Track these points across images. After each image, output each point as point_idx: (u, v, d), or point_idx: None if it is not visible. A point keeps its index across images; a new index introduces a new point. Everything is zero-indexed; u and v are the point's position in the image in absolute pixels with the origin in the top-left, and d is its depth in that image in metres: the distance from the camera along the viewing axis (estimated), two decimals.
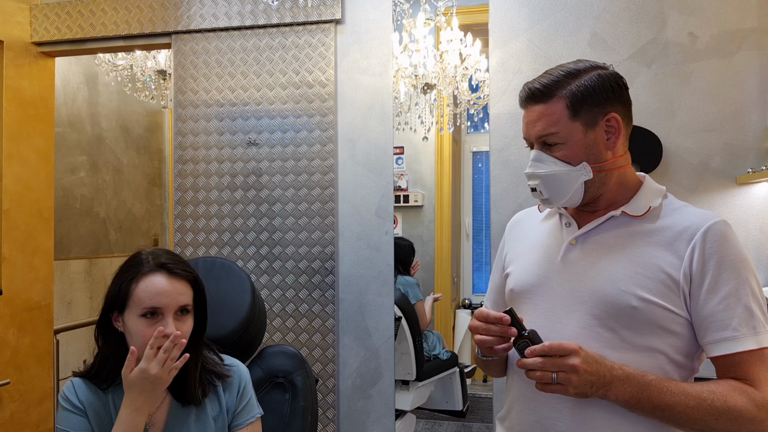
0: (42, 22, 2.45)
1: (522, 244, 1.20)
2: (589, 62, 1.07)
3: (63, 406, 1.21)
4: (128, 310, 1.19)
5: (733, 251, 0.98)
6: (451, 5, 3.10)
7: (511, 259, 1.21)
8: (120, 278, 1.22)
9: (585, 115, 1.02)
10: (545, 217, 1.19)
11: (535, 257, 1.13)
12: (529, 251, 1.15)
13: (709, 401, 0.92)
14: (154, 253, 1.25)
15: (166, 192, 4.49)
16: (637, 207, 1.05)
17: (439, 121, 4.25)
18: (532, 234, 1.19)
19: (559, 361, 0.93)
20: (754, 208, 1.92)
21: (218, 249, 2.29)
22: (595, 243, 1.06)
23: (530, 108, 1.06)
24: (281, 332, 2.22)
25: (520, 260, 1.17)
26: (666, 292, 0.98)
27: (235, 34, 2.30)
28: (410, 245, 3.93)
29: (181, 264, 1.25)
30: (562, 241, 1.10)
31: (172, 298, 1.19)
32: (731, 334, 0.95)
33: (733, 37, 1.94)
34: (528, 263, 1.14)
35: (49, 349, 2.54)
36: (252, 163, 2.27)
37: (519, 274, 1.14)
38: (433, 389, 3.88)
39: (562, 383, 0.94)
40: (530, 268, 1.13)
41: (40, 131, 2.52)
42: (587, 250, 1.06)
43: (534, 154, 1.06)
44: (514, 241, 1.23)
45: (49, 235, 2.54)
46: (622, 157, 1.07)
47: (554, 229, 1.14)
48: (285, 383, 1.49)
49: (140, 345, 1.17)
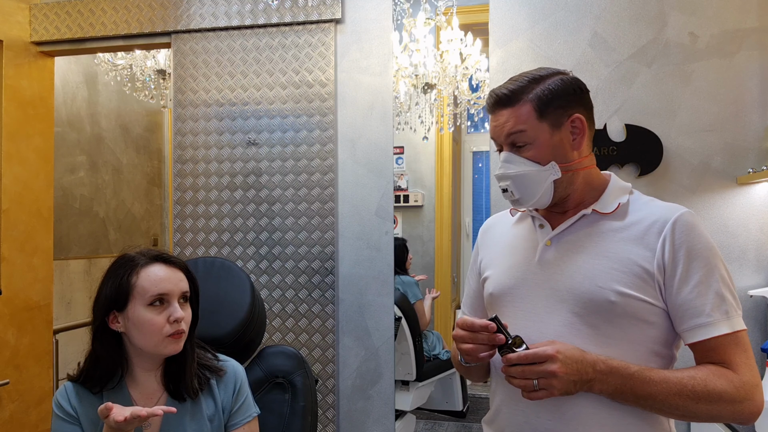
0: (41, 21, 2.45)
1: (497, 248, 1.22)
2: (551, 69, 1.11)
3: (56, 413, 1.23)
4: (132, 303, 1.19)
5: (701, 240, 1.01)
6: (451, 5, 3.09)
7: (486, 264, 1.23)
8: (114, 277, 1.22)
9: (551, 116, 1.06)
10: (517, 220, 1.22)
11: (511, 260, 1.16)
12: (505, 255, 1.18)
13: (690, 387, 0.95)
14: (143, 250, 1.26)
15: (165, 192, 4.49)
16: (606, 204, 1.09)
17: (439, 121, 4.25)
18: (506, 238, 1.22)
19: (538, 368, 0.96)
20: (755, 208, 1.92)
21: (218, 249, 2.29)
22: (570, 242, 1.09)
23: (498, 112, 1.10)
24: (281, 332, 2.22)
25: (497, 264, 1.19)
26: (642, 285, 1.01)
27: (235, 33, 2.30)
28: (403, 244, 3.93)
29: (172, 255, 1.27)
30: (537, 243, 1.13)
31: (175, 284, 1.22)
32: (705, 320, 0.98)
33: (734, 37, 1.94)
34: (505, 266, 1.16)
35: (49, 349, 2.53)
36: (252, 163, 2.27)
37: (497, 278, 1.17)
38: (433, 389, 3.88)
39: (544, 388, 0.96)
40: (508, 271, 1.15)
41: (40, 131, 2.51)
42: (562, 249, 1.09)
43: (504, 155, 1.10)
44: (488, 247, 1.26)
45: (48, 235, 2.54)
46: (587, 157, 1.11)
47: (528, 232, 1.17)
48: (285, 383, 1.49)
49: (151, 335, 1.19)
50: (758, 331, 1.91)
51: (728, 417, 0.97)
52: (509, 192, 1.10)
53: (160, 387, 1.26)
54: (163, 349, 1.20)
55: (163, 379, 1.26)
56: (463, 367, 1.16)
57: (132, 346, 1.23)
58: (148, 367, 1.25)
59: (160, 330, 1.18)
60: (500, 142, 1.11)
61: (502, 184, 1.11)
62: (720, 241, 1.93)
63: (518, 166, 1.08)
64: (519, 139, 1.07)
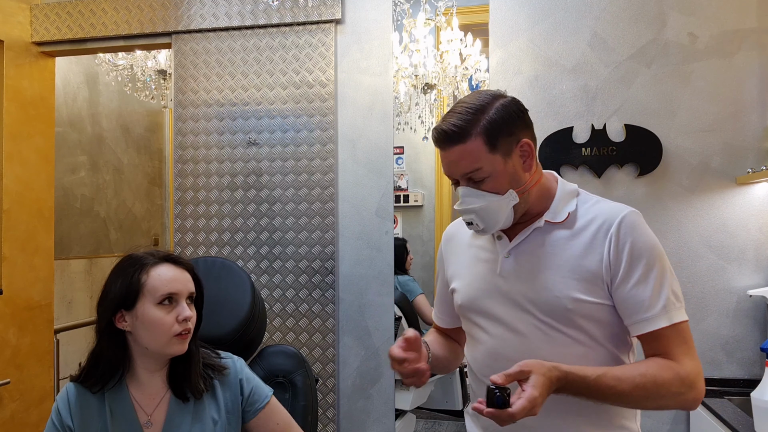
0: (42, 21, 2.45)
1: (461, 259, 1.27)
2: (487, 93, 1.12)
3: (52, 419, 1.24)
4: (141, 302, 1.20)
5: (643, 238, 1.08)
6: (451, 5, 3.10)
7: (453, 274, 1.29)
8: (123, 276, 1.22)
9: (502, 147, 1.09)
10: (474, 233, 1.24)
11: (475, 272, 1.21)
12: (469, 266, 1.24)
13: (641, 385, 1.02)
14: (150, 251, 1.27)
15: (166, 192, 4.49)
16: (556, 213, 1.14)
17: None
18: (469, 249, 1.26)
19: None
20: (754, 208, 1.92)
21: (218, 249, 2.29)
22: (526, 253, 1.15)
23: (448, 149, 1.10)
24: (281, 332, 2.22)
25: (462, 276, 1.24)
26: (593, 288, 1.08)
27: (236, 33, 2.30)
28: (403, 244, 3.93)
29: (180, 256, 1.29)
30: (497, 254, 1.18)
31: (184, 284, 1.24)
32: (645, 315, 1.06)
33: (733, 37, 1.94)
34: (471, 278, 1.22)
35: (50, 348, 2.54)
36: (252, 163, 2.27)
37: (464, 290, 1.22)
38: (433, 389, 3.88)
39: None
40: (473, 283, 1.21)
41: (41, 131, 2.52)
42: (520, 261, 1.15)
43: (463, 191, 1.12)
44: (452, 256, 1.31)
45: (49, 235, 2.55)
46: (536, 172, 1.15)
47: (488, 243, 1.22)
48: (285, 383, 1.49)
49: (160, 332, 1.20)
50: (758, 331, 1.91)
51: (675, 406, 1.06)
52: (474, 224, 1.13)
53: (165, 387, 1.26)
54: (169, 349, 1.21)
55: (168, 379, 1.26)
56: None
57: (137, 345, 1.23)
58: (152, 367, 1.25)
59: (168, 329, 1.20)
60: (456, 178, 1.13)
61: (467, 218, 1.13)
62: (719, 241, 1.94)
63: (480, 200, 1.10)
64: (476, 175, 1.09)
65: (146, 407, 1.24)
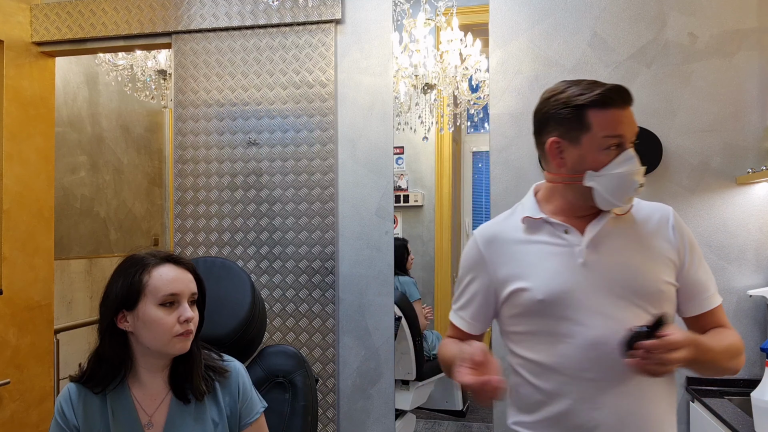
0: (42, 21, 2.45)
1: (521, 257, 1.23)
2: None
3: (56, 418, 1.23)
4: (143, 302, 1.20)
5: (689, 230, 1.24)
6: (451, 5, 3.10)
7: (512, 275, 1.22)
8: (125, 276, 1.22)
9: None
10: (529, 230, 1.24)
11: (551, 267, 1.19)
12: (538, 263, 1.20)
13: (727, 347, 1.16)
14: (152, 251, 1.27)
15: (166, 192, 4.49)
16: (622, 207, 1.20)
17: (439, 121, 4.25)
18: (528, 246, 1.23)
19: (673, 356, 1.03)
20: (754, 208, 1.92)
21: (218, 249, 2.29)
22: (607, 243, 1.19)
23: (626, 108, 1.16)
24: (281, 332, 2.22)
25: (534, 273, 1.20)
26: (670, 272, 1.18)
27: (236, 34, 2.30)
28: (404, 244, 3.93)
29: (182, 257, 1.29)
30: (572, 246, 1.19)
31: (185, 284, 1.24)
32: (706, 294, 1.21)
33: (733, 37, 1.94)
34: (548, 273, 1.18)
35: (50, 348, 2.54)
36: (252, 163, 2.28)
37: (544, 286, 1.18)
38: (433, 389, 3.88)
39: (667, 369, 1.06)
40: (555, 277, 1.18)
41: (41, 131, 2.52)
42: (603, 251, 1.18)
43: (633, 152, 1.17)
44: (503, 257, 1.25)
45: (49, 235, 2.55)
46: None
47: (553, 238, 1.21)
48: (285, 383, 1.49)
49: (160, 333, 1.20)
50: (758, 331, 1.91)
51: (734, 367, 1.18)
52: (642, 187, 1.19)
53: (166, 387, 1.26)
54: (170, 348, 1.21)
55: (169, 380, 1.26)
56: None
57: (139, 345, 1.23)
58: (153, 368, 1.25)
59: (170, 329, 1.20)
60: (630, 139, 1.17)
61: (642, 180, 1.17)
62: (719, 241, 1.93)
63: None
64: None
65: (147, 408, 1.24)
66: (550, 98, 1.19)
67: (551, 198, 1.24)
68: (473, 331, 1.32)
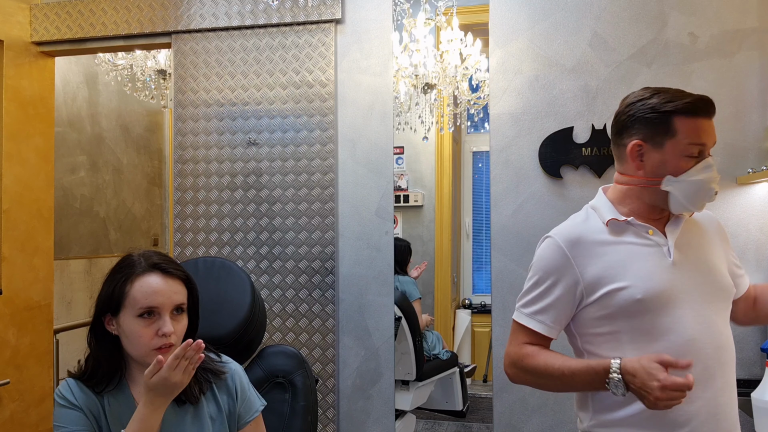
0: (42, 21, 2.45)
1: (613, 258, 1.23)
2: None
3: (59, 403, 1.21)
4: (123, 311, 1.19)
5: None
6: (452, 5, 3.10)
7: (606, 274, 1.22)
8: (112, 280, 1.22)
9: None
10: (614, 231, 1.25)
11: (646, 266, 1.21)
12: (632, 262, 1.22)
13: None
14: (146, 254, 1.25)
15: (166, 192, 4.49)
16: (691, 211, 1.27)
17: (439, 121, 4.25)
18: (617, 247, 1.24)
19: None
20: (754, 208, 1.92)
21: (218, 249, 2.29)
22: (686, 244, 1.25)
23: (710, 119, 1.21)
24: (281, 332, 2.22)
25: (631, 272, 1.21)
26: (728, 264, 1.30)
27: (235, 33, 2.30)
28: (407, 245, 3.93)
29: (173, 264, 1.25)
30: (659, 247, 1.23)
31: (168, 296, 1.20)
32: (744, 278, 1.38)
33: (733, 37, 1.94)
34: (645, 273, 1.20)
35: (49, 348, 2.54)
36: (252, 163, 2.27)
37: (643, 285, 1.19)
38: (433, 389, 3.88)
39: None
40: (651, 275, 1.20)
41: (40, 131, 2.51)
42: (685, 251, 1.24)
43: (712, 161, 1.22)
44: (591, 258, 1.24)
45: (49, 235, 2.54)
46: None
47: (640, 239, 1.24)
48: (285, 383, 1.49)
49: (138, 346, 1.18)
50: (758, 331, 1.91)
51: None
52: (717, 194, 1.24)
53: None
54: (149, 359, 1.17)
55: None
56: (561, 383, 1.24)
57: (126, 349, 1.23)
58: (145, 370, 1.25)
59: (147, 342, 1.17)
60: (710, 148, 1.22)
61: (717, 188, 1.22)
62: None
63: None
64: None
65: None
66: (636, 102, 1.22)
67: (625, 200, 1.27)
68: (553, 335, 1.29)
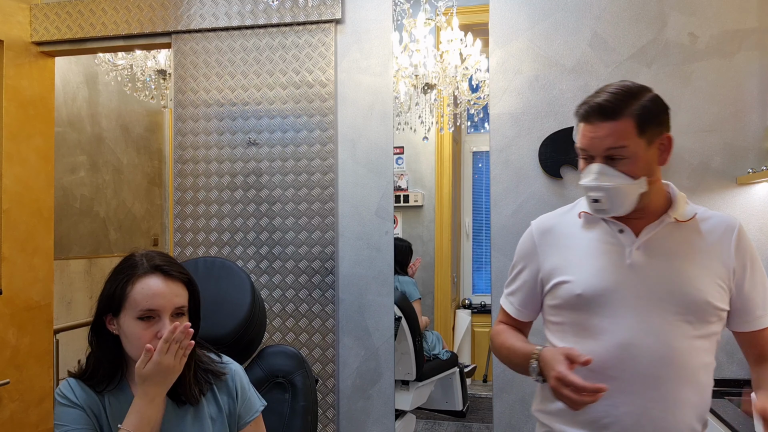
0: (42, 21, 2.45)
1: (571, 251, 1.25)
2: (635, 83, 1.20)
3: (60, 401, 1.21)
4: (124, 312, 1.19)
5: (753, 246, 1.22)
6: (452, 5, 3.10)
7: (559, 267, 1.25)
8: (114, 281, 1.21)
9: (648, 134, 1.14)
10: (586, 224, 1.25)
11: (597, 263, 1.20)
12: (586, 258, 1.22)
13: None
14: (148, 255, 1.24)
15: (166, 192, 4.49)
16: (684, 213, 1.20)
17: (439, 121, 4.25)
18: (580, 241, 1.24)
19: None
20: (755, 208, 1.92)
21: (218, 249, 2.29)
22: (660, 248, 1.19)
23: (597, 124, 1.14)
24: (281, 332, 2.22)
25: (580, 267, 1.22)
26: (721, 283, 1.17)
27: (235, 33, 2.30)
28: (408, 246, 3.93)
29: (175, 266, 1.25)
30: (623, 247, 1.20)
31: (168, 299, 1.19)
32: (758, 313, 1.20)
33: (733, 37, 1.94)
34: (593, 270, 1.20)
35: (49, 348, 2.54)
36: (252, 163, 2.27)
37: (585, 281, 1.20)
38: (433, 389, 3.88)
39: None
40: (598, 273, 1.19)
41: (40, 131, 2.52)
42: (654, 254, 1.18)
43: (597, 167, 1.15)
44: (553, 248, 1.28)
45: (48, 235, 2.54)
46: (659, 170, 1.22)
47: (606, 235, 1.22)
48: (285, 383, 1.49)
49: (137, 347, 1.17)
50: None
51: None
52: (600, 202, 1.16)
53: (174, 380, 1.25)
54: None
55: None
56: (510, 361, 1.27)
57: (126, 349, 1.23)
58: None
59: (144, 344, 1.16)
60: (595, 154, 1.15)
61: (594, 195, 1.16)
62: None
63: (612, 180, 1.14)
64: (618, 153, 1.13)
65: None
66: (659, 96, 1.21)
67: None
68: (522, 318, 1.35)
